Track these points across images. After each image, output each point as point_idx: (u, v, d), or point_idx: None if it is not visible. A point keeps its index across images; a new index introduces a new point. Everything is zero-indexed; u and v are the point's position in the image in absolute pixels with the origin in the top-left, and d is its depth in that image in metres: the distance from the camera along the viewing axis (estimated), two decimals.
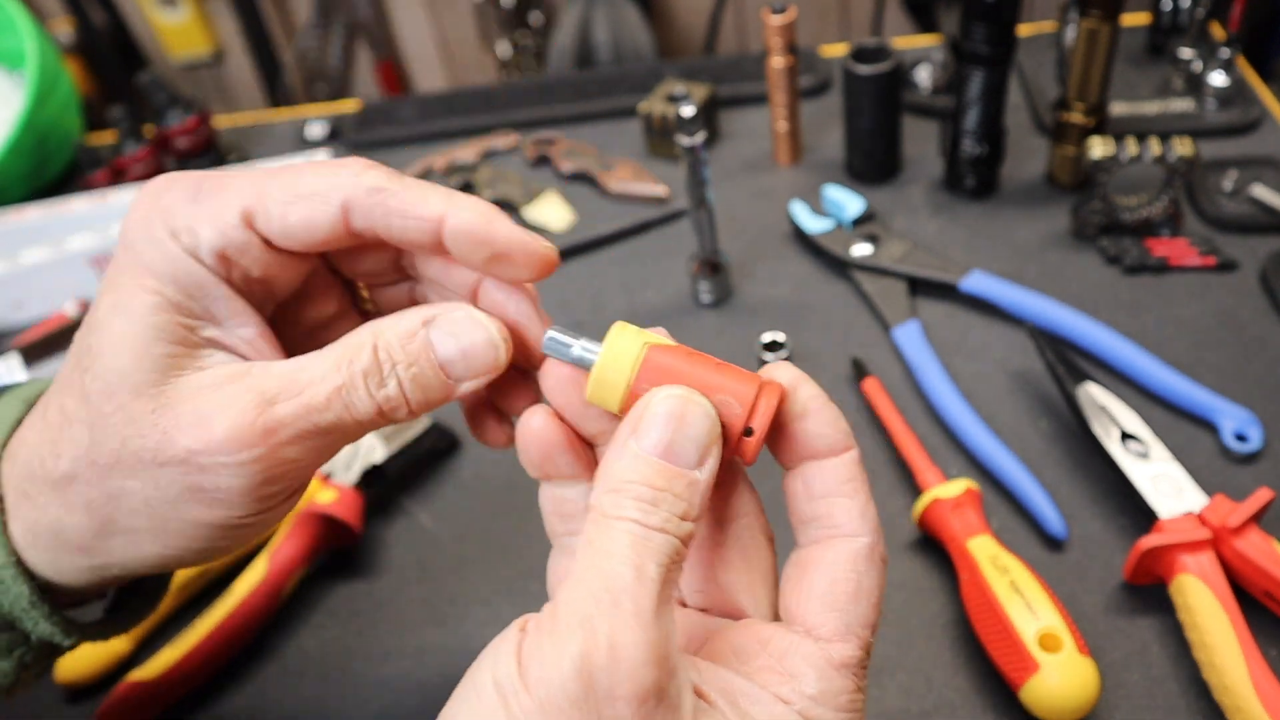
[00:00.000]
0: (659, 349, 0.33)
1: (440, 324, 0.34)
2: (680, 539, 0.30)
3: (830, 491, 0.33)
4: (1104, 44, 0.73)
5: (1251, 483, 0.60)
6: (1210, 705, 0.51)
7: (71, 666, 0.58)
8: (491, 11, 1.85)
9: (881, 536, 0.33)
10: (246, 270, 0.34)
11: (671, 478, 0.30)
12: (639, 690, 0.27)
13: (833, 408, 0.34)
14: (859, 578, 0.32)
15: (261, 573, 0.60)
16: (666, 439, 0.30)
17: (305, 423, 0.32)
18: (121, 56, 1.93)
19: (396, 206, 0.33)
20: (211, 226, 0.33)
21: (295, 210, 0.33)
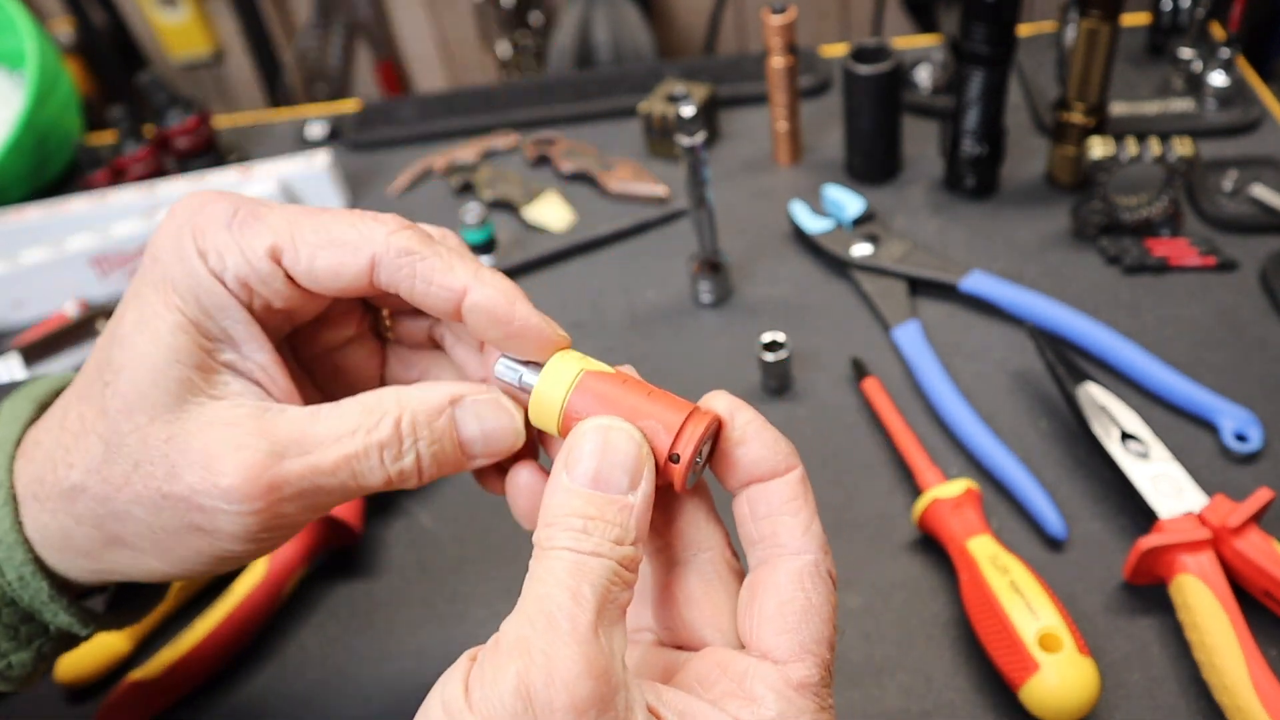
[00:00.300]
0: (594, 375, 0.34)
1: (467, 405, 0.35)
2: (618, 561, 0.30)
3: (774, 511, 0.34)
4: (1104, 44, 0.73)
5: (1251, 483, 0.60)
6: (1210, 705, 0.51)
7: (71, 666, 0.58)
8: (491, 11, 1.85)
9: (828, 553, 0.34)
10: (268, 301, 0.35)
11: (603, 505, 0.31)
12: (576, 703, 0.27)
13: (771, 431, 0.35)
14: (806, 596, 0.32)
15: (261, 573, 0.60)
16: (594, 468, 0.31)
17: (309, 483, 0.33)
18: (121, 56, 1.93)
19: (423, 272, 0.34)
20: (240, 255, 0.34)
21: (324, 256, 0.34)
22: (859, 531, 0.61)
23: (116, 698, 0.56)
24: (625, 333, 0.76)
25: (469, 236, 0.82)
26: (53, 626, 0.39)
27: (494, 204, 0.90)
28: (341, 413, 0.34)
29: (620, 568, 0.30)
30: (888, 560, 0.60)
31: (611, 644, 0.29)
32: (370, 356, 0.41)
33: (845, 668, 0.55)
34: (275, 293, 0.35)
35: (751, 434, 0.34)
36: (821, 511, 0.64)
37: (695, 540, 0.35)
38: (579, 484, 0.31)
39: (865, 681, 0.55)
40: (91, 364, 0.35)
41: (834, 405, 0.69)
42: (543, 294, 0.81)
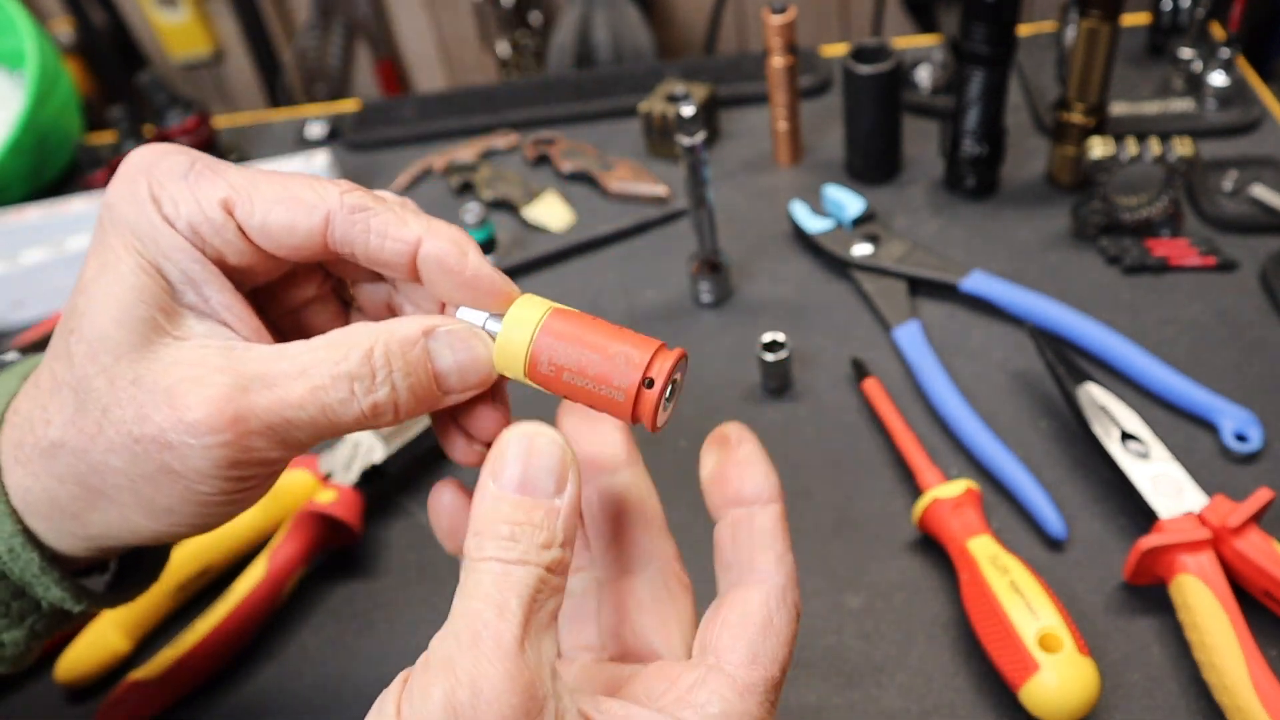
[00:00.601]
0: (560, 313, 0.34)
1: (441, 336, 0.34)
2: (545, 567, 0.30)
3: (753, 539, 0.35)
4: (1104, 44, 0.73)
5: (1251, 483, 0.60)
6: (1210, 705, 0.51)
7: (71, 666, 0.58)
8: (491, 11, 1.85)
9: (796, 585, 0.35)
10: (222, 254, 0.35)
11: (529, 509, 0.31)
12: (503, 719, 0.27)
13: (769, 463, 0.36)
14: (770, 614, 0.33)
15: (261, 573, 0.60)
16: (519, 473, 0.31)
17: (276, 417, 0.32)
18: (121, 56, 1.93)
19: (376, 226, 0.34)
20: (194, 203, 0.34)
21: (278, 211, 0.34)
22: (859, 531, 0.61)
23: (116, 698, 0.56)
24: None
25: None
26: (45, 602, 0.39)
27: (494, 204, 0.90)
28: (310, 347, 0.33)
29: (548, 573, 0.30)
30: (888, 560, 0.60)
31: (540, 654, 0.29)
32: (334, 319, 0.40)
33: (845, 668, 0.55)
34: (228, 244, 0.34)
35: (755, 459, 0.36)
36: (821, 511, 0.65)
37: (646, 550, 0.36)
38: (506, 490, 0.31)
39: (865, 681, 0.55)
40: (60, 320, 0.35)
41: (834, 405, 0.69)
42: (543, 294, 0.81)
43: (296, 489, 0.65)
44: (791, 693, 0.55)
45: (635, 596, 0.36)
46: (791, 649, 0.34)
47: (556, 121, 0.99)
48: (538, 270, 0.84)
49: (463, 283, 0.34)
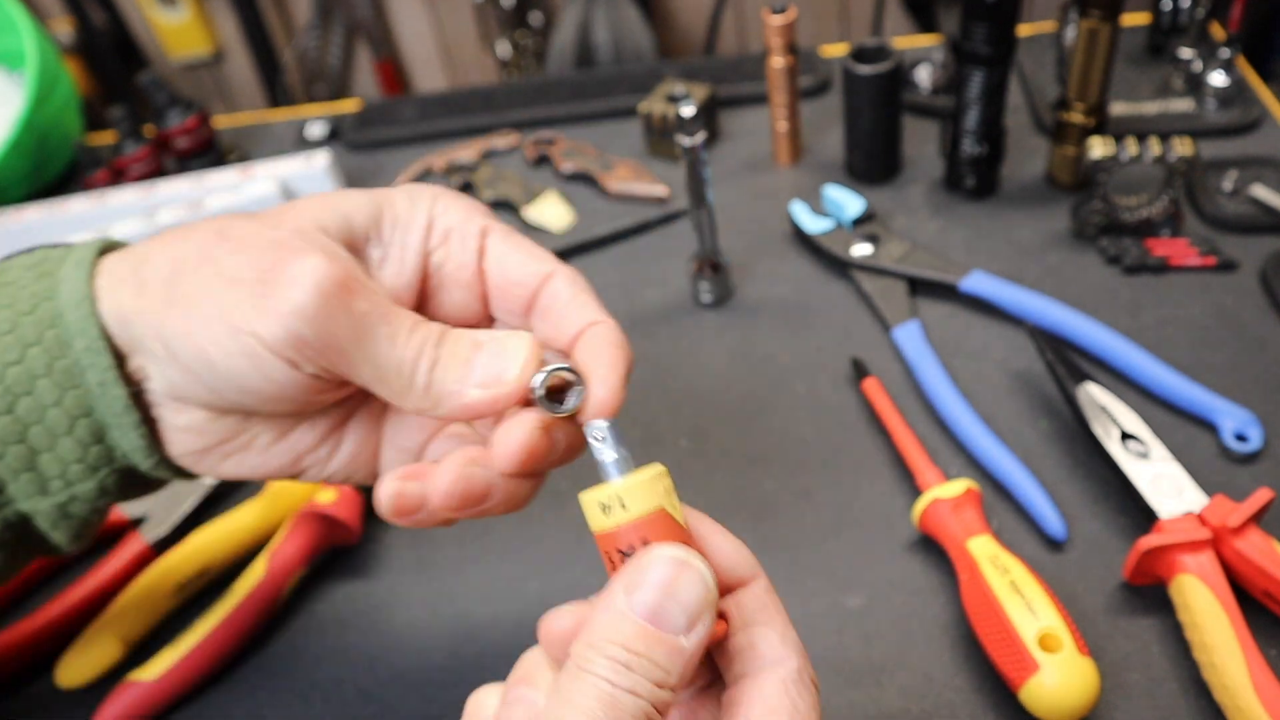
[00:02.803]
0: (667, 519, 0.33)
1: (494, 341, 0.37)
2: (652, 703, 0.29)
3: (747, 621, 0.33)
4: (1104, 44, 0.73)
5: (1251, 483, 0.60)
6: (1210, 705, 0.51)
7: (71, 667, 0.58)
8: (491, 11, 1.85)
9: (807, 660, 0.33)
10: (443, 263, 0.41)
11: (653, 643, 0.30)
12: None
13: (735, 539, 0.34)
14: (793, 703, 0.31)
15: (261, 573, 0.60)
16: (655, 602, 0.30)
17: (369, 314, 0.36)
18: (121, 56, 1.93)
19: (580, 299, 0.41)
20: (460, 214, 0.41)
21: (518, 253, 0.41)
22: (859, 531, 0.61)
23: (116, 697, 0.56)
24: (625, 332, 0.76)
25: None
26: (119, 451, 0.39)
27: (494, 204, 0.90)
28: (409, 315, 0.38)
29: (654, 710, 0.29)
30: (888, 560, 0.60)
31: None
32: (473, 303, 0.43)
33: (845, 668, 0.55)
34: (462, 257, 0.40)
35: (718, 538, 0.34)
36: (821, 511, 0.65)
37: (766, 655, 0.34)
38: (635, 613, 0.30)
39: (865, 681, 0.55)
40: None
41: (834, 405, 0.69)
42: None
43: (296, 489, 0.65)
44: None
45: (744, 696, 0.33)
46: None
47: (556, 121, 0.99)
48: None
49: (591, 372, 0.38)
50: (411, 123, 1.01)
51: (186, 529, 0.65)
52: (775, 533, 0.62)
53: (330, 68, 2.00)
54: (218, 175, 0.91)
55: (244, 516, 0.64)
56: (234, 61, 2.06)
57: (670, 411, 0.70)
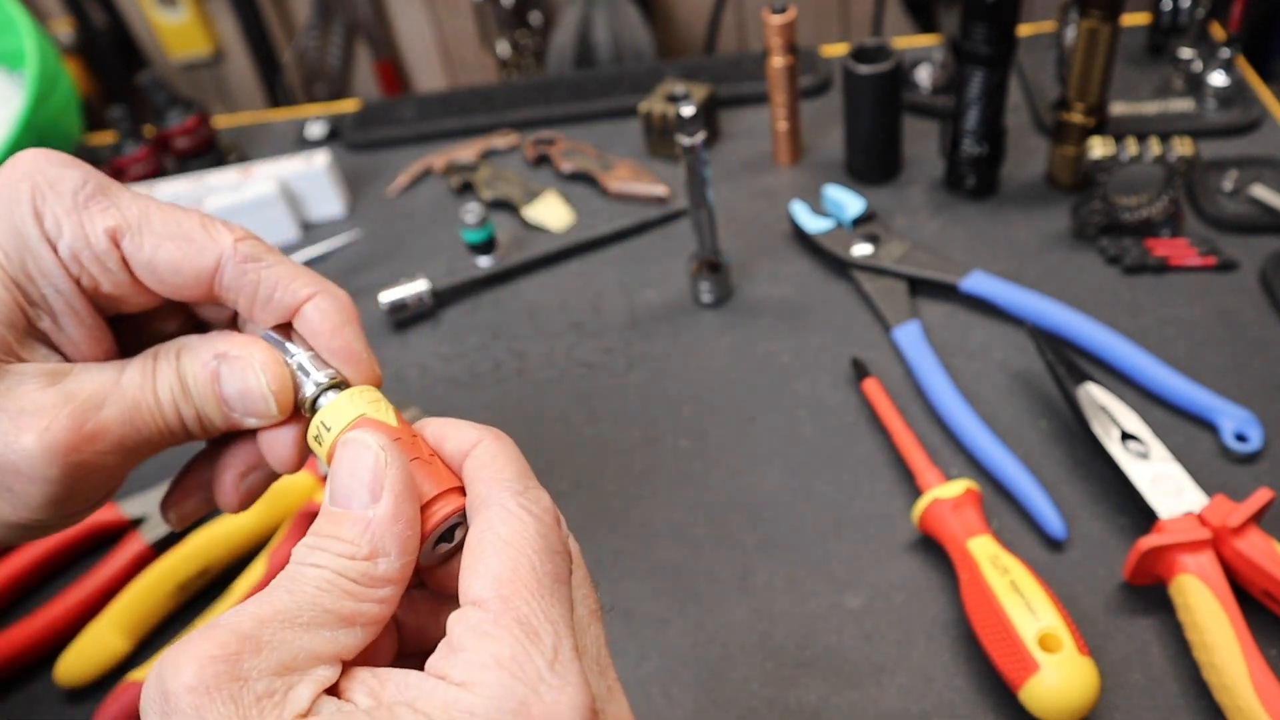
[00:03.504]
0: (370, 423, 0.33)
1: (229, 363, 0.35)
2: (344, 574, 0.29)
3: (472, 478, 0.32)
4: (1104, 44, 0.73)
5: (1251, 483, 0.60)
6: (1210, 705, 0.51)
7: (71, 667, 0.58)
8: (491, 11, 1.85)
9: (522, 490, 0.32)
10: (97, 283, 0.34)
11: (338, 522, 0.30)
12: (186, 681, 0.26)
13: (461, 422, 0.34)
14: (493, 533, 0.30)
15: (261, 573, 0.60)
16: (334, 487, 0.31)
17: (115, 435, 0.33)
18: (121, 56, 1.93)
19: (267, 278, 0.34)
20: (78, 227, 0.33)
21: (168, 248, 0.34)
22: (859, 531, 0.61)
23: (116, 698, 0.56)
24: (625, 333, 0.76)
25: (468, 236, 0.82)
26: None
27: (494, 204, 0.90)
28: (136, 363, 0.35)
29: (338, 577, 0.29)
30: (888, 560, 0.60)
31: (287, 639, 0.28)
32: None
33: (845, 668, 0.55)
34: (107, 275, 0.34)
35: (448, 428, 0.33)
36: (821, 511, 0.65)
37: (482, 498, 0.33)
38: (332, 505, 0.31)
39: (865, 681, 0.55)
40: None
41: (834, 405, 0.69)
42: (543, 294, 0.81)
43: (296, 489, 0.65)
44: (791, 693, 0.55)
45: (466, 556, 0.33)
46: (541, 547, 0.30)
47: (556, 121, 0.99)
48: (538, 270, 0.84)
49: (331, 349, 0.35)
50: (411, 123, 1.01)
51: (186, 529, 0.65)
52: (775, 533, 0.62)
53: (330, 68, 2.00)
54: (217, 175, 0.91)
55: (244, 516, 0.64)
56: (234, 61, 2.06)
57: (670, 411, 0.70)
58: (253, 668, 0.27)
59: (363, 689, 0.29)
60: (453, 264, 0.85)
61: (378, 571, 0.30)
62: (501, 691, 0.27)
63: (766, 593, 0.59)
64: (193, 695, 0.26)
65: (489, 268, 0.83)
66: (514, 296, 0.82)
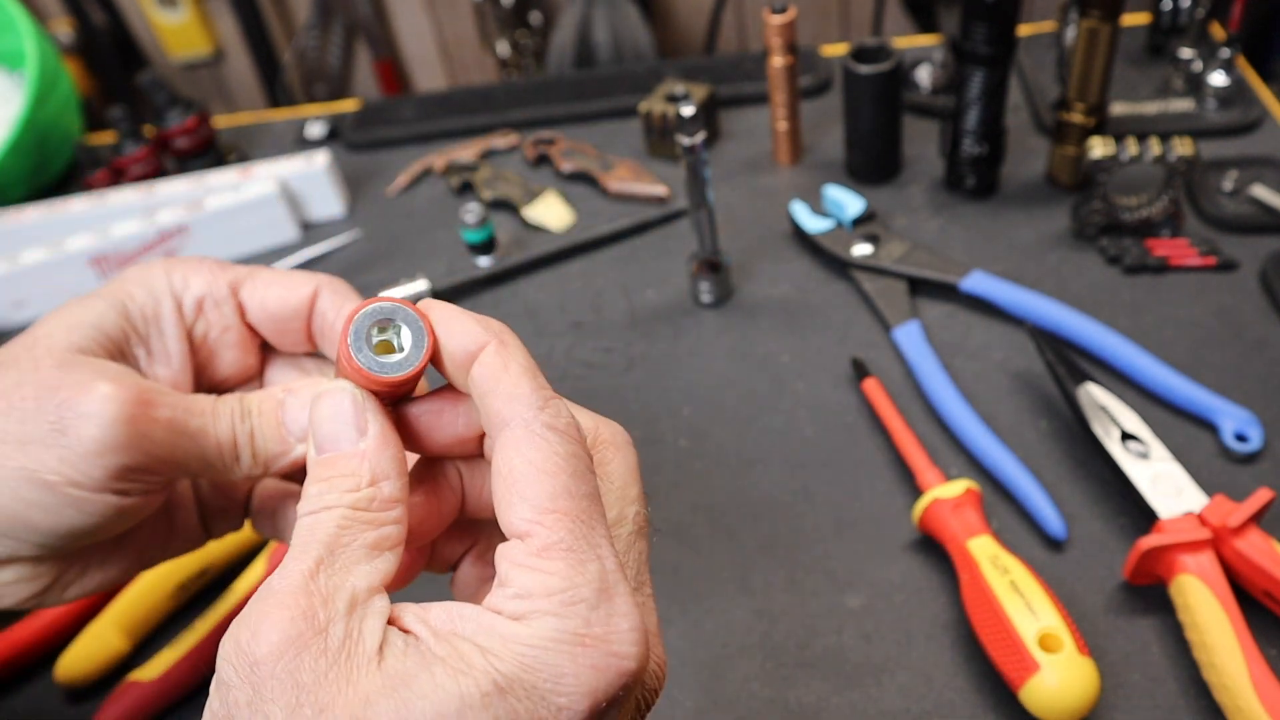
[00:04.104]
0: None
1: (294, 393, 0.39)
2: (350, 506, 0.31)
3: (484, 390, 0.32)
4: (1104, 44, 0.73)
5: (1251, 483, 0.60)
6: (1210, 705, 0.51)
7: (71, 667, 0.58)
8: (491, 11, 1.85)
9: (544, 407, 0.31)
10: (210, 328, 0.42)
11: (334, 463, 0.32)
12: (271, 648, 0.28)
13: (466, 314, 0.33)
14: (523, 458, 0.30)
15: (261, 573, 0.60)
16: (319, 435, 0.33)
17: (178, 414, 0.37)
18: (121, 56, 1.93)
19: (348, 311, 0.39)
20: (205, 279, 0.41)
21: (275, 289, 0.41)
22: (859, 531, 0.61)
23: (116, 698, 0.56)
24: (625, 333, 0.76)
25: (468, 236, 0.82)
26: None
27: (494, 204, 0.90)
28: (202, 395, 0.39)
29: (354, 510, 0.31)
30: (888, 560, 0.60)
31: (342, 581, 0.29)
32: None
33: (845, 668, 0.55)
34: (222, 319, 0.42)
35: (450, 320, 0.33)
36: (821, 511, 0.65)
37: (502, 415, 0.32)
38: (320, 454, 0.32)
39: (865, 681, 0.55)
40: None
41: (834, 405, 0.69)
42: (543, 294, 0.81)
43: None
44: (791, 693, 0.55)
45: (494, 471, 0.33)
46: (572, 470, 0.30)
47: (556, 121, 0.99)
48: (538, 270, 0.84)
49: None
50: (411, 123, 1.01)
51: None
52: (775, 533, 0.62)
53: (330, 67, 2.00)
54: (217, 175, 0.91)
55: None
56: (234, 61, 2.06)
57: (670, 411, 0.70)
58: (326, 618, 0.28)
59: (411, 618, 0.30)
60: (453, 264, 0.85)
61: (384, 494, 0.32)
62: (555, 624, 0.28)
63: (766, 593, 0.59)
64: (283, 658, 0.27)
65: (489, 268, 0.83)
66: (514, 296, 0.82)
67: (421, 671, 0.27)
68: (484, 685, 0.27)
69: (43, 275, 0.85)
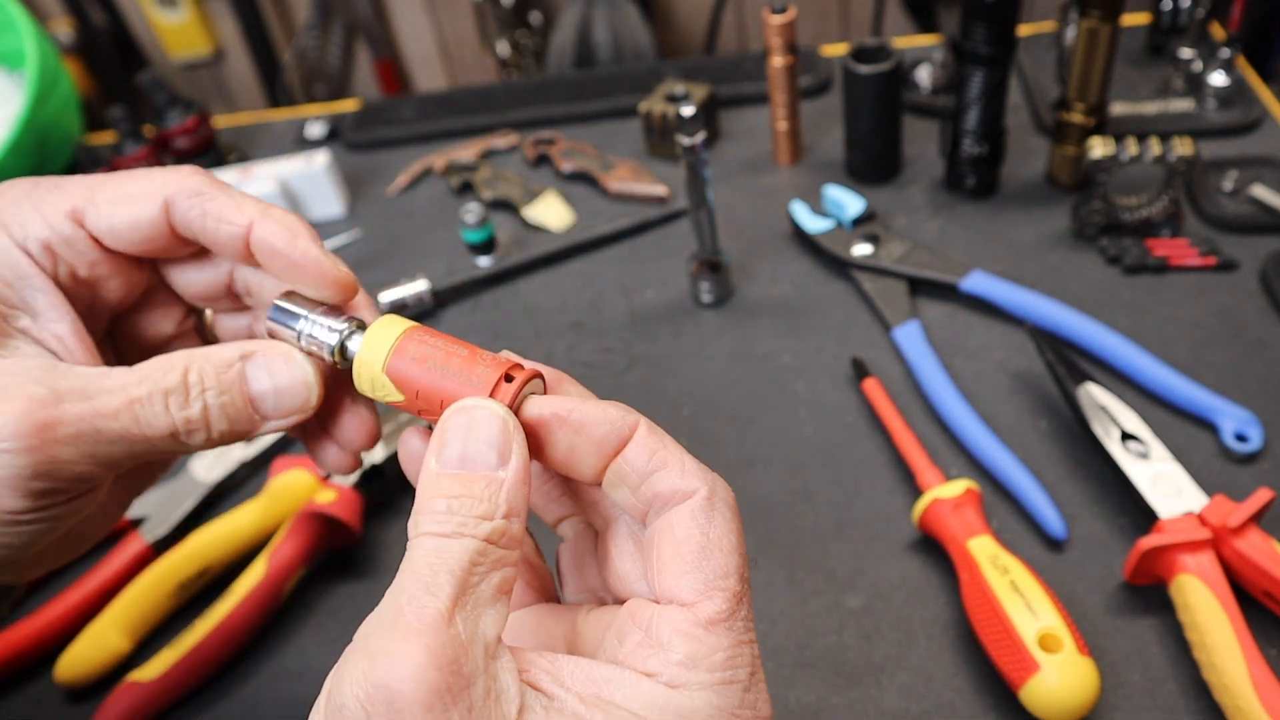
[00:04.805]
0: (416, 334, 0.33)
1: (258, 360, 0.34)
2: (484, 539, 0.29)
3: (642, 473, 0.32)
4: (1104, 44, 0.73)
5: (1251, 483, 0.60)
6: (1210, 705, 0.51)
7: (71, 666, 0.58)
8: (491, 11, 1.85)
9: (716, 482, 0.32)
10: (73, 267, 0.36)
11: (469, 482, 0.30)
12: (419, 699, 0.26)
13: (601, 402, 0.33)
14: (702, 531, 0.31)
15: (261, 573, 0.60)
16: (459, 449, 0.30)
17: (87, 425, 0.32)
18: (121, 56, 1.93)
19: (211, 210, 0.35)
20: (40, 220, 0.35)
21: (122, 210, 0.35)
22: (859, 531, 0.61)
23: (116, 698, 0.56)
24: (625, 333, 0.76)
25: (468, 236, 0.82)
26: None
27: (494, 204, 0.90)
28: (133, 368, 0.33)
29: (487, 544, 0.29)
30: (888, 560, 0.60)
31: (475, 629, 0.28)
32: None
33: (845, 668, 0.55)
34: (80, 256, 0.36)
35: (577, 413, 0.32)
36: (821, 511, 0.65)
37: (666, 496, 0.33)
38: (446, 466, 0.30)
39: (865, 681, 0.55)
40: None
41: (834, 405, 0.69)
42: (543, 294, 0.81)
43: (296, 489, 0.65)
44: (791, 693, 0.55)
45: (616, 540, 0.34)
46: (741, 550, 0.31)
47: (556, 121, 0.99)
48: (538, 270, 0.84)
49: (291, 264, 0.35)
50: (411, 122, 1.01)
51: (186, 529, 0.65)
52: (775, 533, 0.62)
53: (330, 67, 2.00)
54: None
55: (244, 516, 0.64)
56: (234, 61, 2.06)
57: (670, 411, 0.70)
58: (470, 670, 0.27)
59: (541, 675, 0.29)
60: (453, 264, 0.85)
61: (514, 531, 0.30)
62: (714, 699, 0.29)
63: (766, 593, 0.59)
64: (431, 710, 0.26)
65: (489, 268, 0.83)
66: (514, 296, 0.82)
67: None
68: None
69: None
